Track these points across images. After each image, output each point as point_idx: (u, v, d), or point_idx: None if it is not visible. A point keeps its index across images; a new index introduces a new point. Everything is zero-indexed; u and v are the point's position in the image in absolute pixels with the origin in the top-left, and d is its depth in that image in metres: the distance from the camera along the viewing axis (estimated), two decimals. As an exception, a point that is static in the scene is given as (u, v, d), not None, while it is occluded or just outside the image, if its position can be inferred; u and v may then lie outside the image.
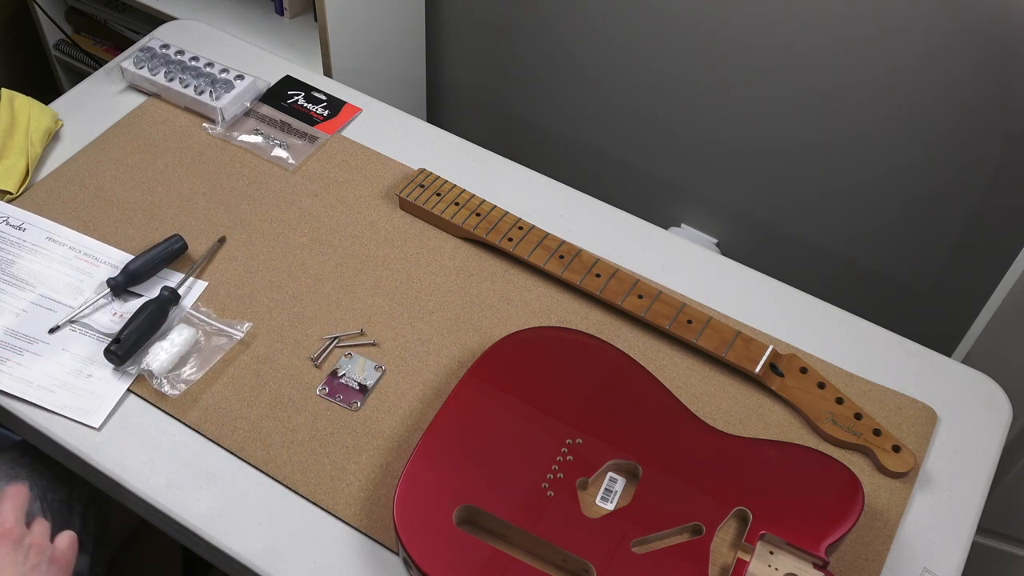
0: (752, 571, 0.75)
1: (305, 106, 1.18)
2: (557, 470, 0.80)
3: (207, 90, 1.15)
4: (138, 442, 0.87)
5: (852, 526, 0.77)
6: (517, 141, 1.88)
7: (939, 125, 1.35)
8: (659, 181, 1.73)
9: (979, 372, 0.97)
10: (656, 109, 1.62)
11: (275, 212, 1.07)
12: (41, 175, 1.09)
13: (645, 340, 0.97)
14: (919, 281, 1.55)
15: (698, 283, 1.03)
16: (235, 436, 0.87)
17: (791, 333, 0.98)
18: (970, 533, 0.85)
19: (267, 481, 0.85)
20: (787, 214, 1.61)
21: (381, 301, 0.99)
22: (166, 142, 1.13)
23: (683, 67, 1.53)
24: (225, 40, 1.27)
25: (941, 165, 1.39)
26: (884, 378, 0.95)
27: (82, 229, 1.03)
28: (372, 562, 0.80)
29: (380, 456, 0.86)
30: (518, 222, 1.04)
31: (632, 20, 1.52)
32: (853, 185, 1.50)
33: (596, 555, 0.75)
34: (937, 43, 1.27)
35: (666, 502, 0.79)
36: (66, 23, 1.87)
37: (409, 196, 1.06)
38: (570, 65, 1.67)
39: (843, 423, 0.89)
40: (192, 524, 0.82)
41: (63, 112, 1.16)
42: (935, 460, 0.90)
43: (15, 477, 0.95)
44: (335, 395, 0.90)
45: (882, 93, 1.37)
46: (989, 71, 1.26)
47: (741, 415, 0.91)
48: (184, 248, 1.01)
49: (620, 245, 1.06)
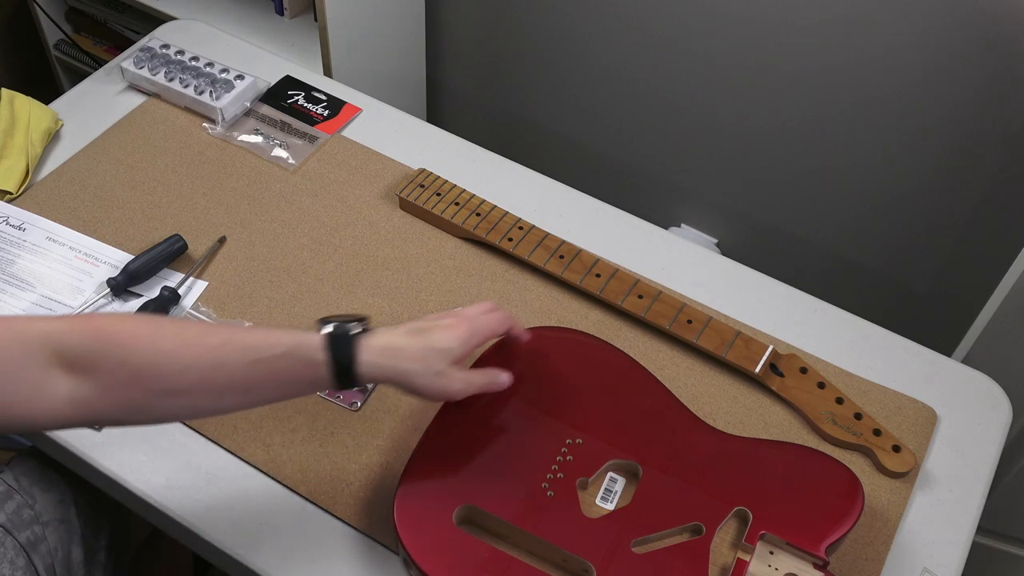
0: (752, 571, 0.75)
1: (305, 106, 1.18)
2: (557, 470, 0.80)
3: (207, 90, 1.15)
4: (138, 442, 0.87)
5: (852, 526, 0.77)
6: (517, 141, 1.88)
7: (939, 125, 1.35)
8: (659, 181, 1.73)
9: (979, 372, 0.97)
10: (657, 109, 1.62)
11: (275, 212, 1.07)
12: (41, 175, 1.09)
13: (645, 340, 0.97)
14: (919, 281, 1.55)
15: (698, 283, 1.02)
16: (235, 436, 0.87)
17: (791, 333, 0.98)
18: (970, 533, 0.85)
19: (267, 481, 0.85)
20: (787, 214, 1.61)
21: (381, 301, 0.99)
22: (166, 142, 1.13)
23: (683, 67, 1.53)
24: (225, 40, 1.27)
25: (941, 165, 1.39)
26: (884, 378, 0.95)
27: (82, 229, 1.03)
28: (372, 562, 0.80)
29: (380, 456, 0.86)
30: (518, 222, 1.04)
31: (632, 20, 1.52)
32: (853, 185, 1.50)
33: (596, 555, 0.75)
34: (937, 44, 1.27)
35: (666, 502, 0.79)
36: (66, 23, 1.87)
37: (409, 196, 1.06)
38: (570, 65, 1.67)
39: (843, 423, 0.89)
40: (192, 524, 0.82)
41: (63, 112, 1.16)
42: (935, 460, 0.90)
43: (47, 480, 0.95)
44: (335, 395, 0.90)
45: (882, 94, 1.37)
46: (990, 72, 1.26)
47: (741, 415, 0.91)
48: (184, 248, 1.01)
49: (620, 245, 1.06)
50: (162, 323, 0.69)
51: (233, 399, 0.69)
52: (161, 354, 0.66)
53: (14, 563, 0.86)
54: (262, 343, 0.69)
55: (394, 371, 0.72)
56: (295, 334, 0.70)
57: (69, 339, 0.65)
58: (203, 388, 0.67)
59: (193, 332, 0.68)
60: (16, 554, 0.87)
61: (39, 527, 0.90)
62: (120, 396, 0.66)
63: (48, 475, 0.95)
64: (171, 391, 0.67)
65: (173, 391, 0.67)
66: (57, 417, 0.65)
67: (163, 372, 0.66)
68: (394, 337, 0.73)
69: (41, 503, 0.92)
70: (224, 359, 0.68)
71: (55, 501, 0.93)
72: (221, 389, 0.68)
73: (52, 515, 0.92)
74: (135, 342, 0.66)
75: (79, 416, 0.66)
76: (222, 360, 0.67)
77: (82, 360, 0.65)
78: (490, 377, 0.79)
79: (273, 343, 0.69)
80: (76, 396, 0.65)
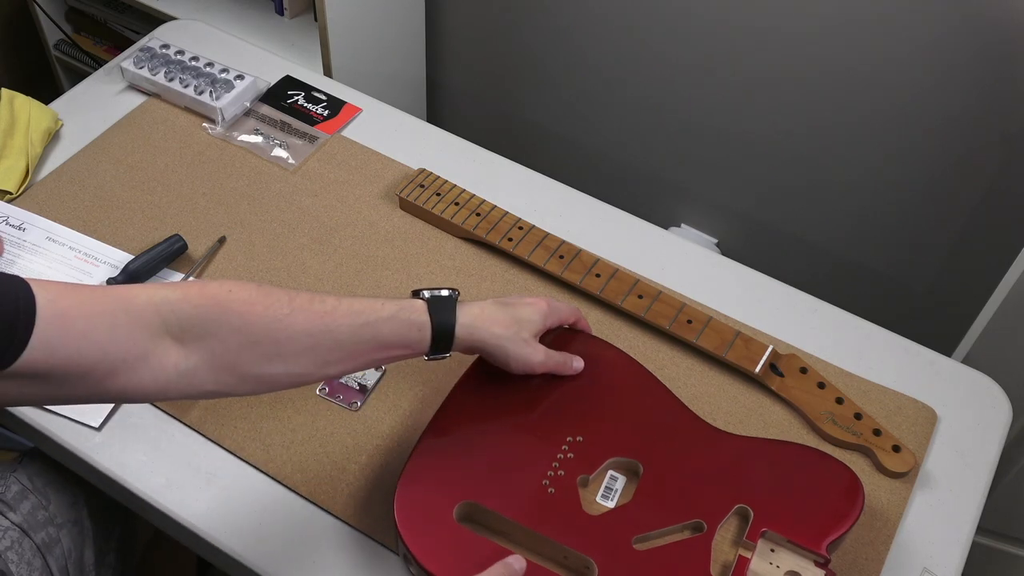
0: (754, 568, 0.75)
1: (305, 106, 1.18)
2: (558, 467, 0.80)
3: (207, 90, 1.15)
4: (138, 442, 0.87)
5: (853, 524, 0.77)
6: (517, 141, 1.88)
7: (939, 125, 1.35)
8: (659, 181, 1.73)
9: (979, 372, 0.97)
10: (657, 109, 1.62)
11: (275, 212, 1.07)
12: (41, 175, 1.09)
13: (645, 340, 0.97)
14: (919, 281, 1.55)
15: (698, 283, 1.02)
16: (235, 436, 0.87)
17: (791, 333, 0.98)
18: (970, 533, 0.85)
19: (267, 481, 0.85)
20: (787, 214, 1.61)
21: (381, 301, 0.98)
22: (166, 142, 1.13)
23: (683, 67, 1.53)
24: (225, 40, 1.27)
25: (941, 165, 1.39)
26: (884, 378, 0.95)
27: (82, 229, 1.03)
28: (372, 562, 0.80)
29: (380, 456, 0.86)
30: (518, 222, 1.04)
31: (632, 20, 1.52)
32: (853, 185, 1.50)
33: (597, 552, 0.75)
34: (937, 44, 1.27)
35: (667, 500, 0.79)
36: (66, 23, 1.87)
37: (409, 196, 1.06)
38: (570, 65, 1.67)
39: (843, 423, 0.89)
40: (192, 524, 0.82)
41: (63, 112, 1.16)
42: (935, 460, 0.90)
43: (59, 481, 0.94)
44: (335, 395, 0.90)
45: (882, 94, 1.37)
46: (989, 71, 1.26)
47: (741, 415, 0.91)
48: (184, 248, 1.01)
49: (620, 245, 1.06)
50: (272, 290, 0.70)
51: (337, 365, 0.71)
52: (275, 320, 0.68)
53: (31, 564, 0.86)
54: (368, 308, 0.71)
55: (489, 335, 0.78)
56: (398, 300, 0.74)
57: (181, 308, 0.65)
58: (311, 353, 0.69)
59: (303, 299, 0.70)
60: (33, 555, 0.86)
61: (54, 528, 0.90)
62: (230, 363, 0.67)
63: (59, 476, 0.95)
64: (281, 356, 0.68)
65: (283, 356, 0.68)
66: (161, 388, 0.66)
67: (277, 338, 0.68)
68: (485, 306, 0.79)
69: (55, 504, 0.92)
70: (334, 324, 0.70)
71: (68, 502, 0.93)
72: (328, 353, 0.70)
73: (66, 517, 0.92)
74: (251, 308, 0.67)
75: (181, 387, 0.67)
76: (332, 325, 0.70)
77: (195, 329, 0.65)
78: (567, 359, 0.84)
79: (378, 308, 0.72)
80: (183, 367, 0.65)
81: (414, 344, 0.74)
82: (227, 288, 0.68)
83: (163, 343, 0.65)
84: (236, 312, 0.67)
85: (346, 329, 0.70)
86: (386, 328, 0.72)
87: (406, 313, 0.73)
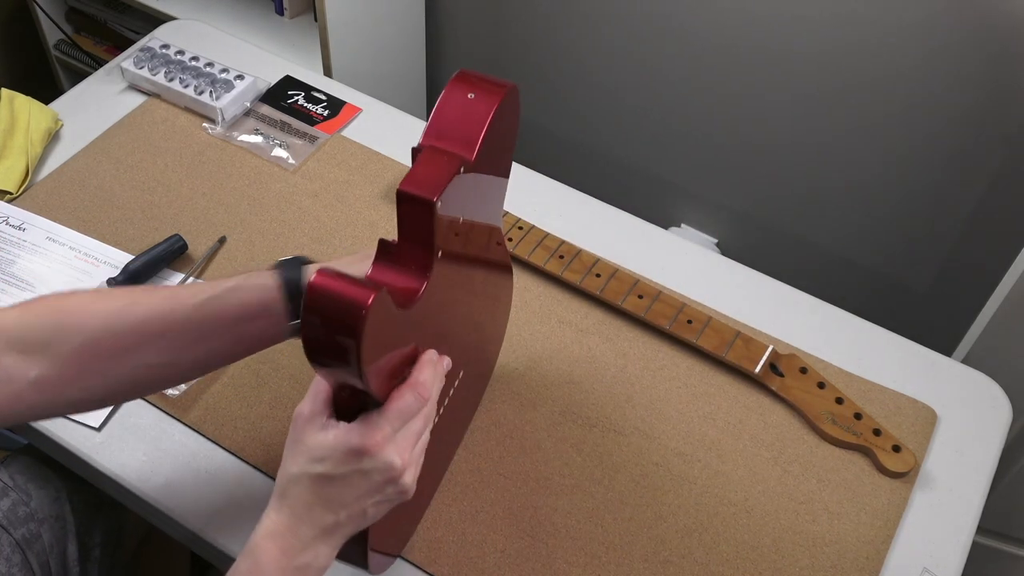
0: None
1: (305, 106, 1.18)
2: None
3: (207, 90, 1.15)
4: (138, 442, 0.87)
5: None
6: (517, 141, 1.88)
7: (939, 125, 1.35)
8: (659, 181, 1.73)
9: (979, 372, 0.97)
10: (656, 109, 1.62)
11: (275, 212, 1.07)
12: (41, 175, 1.09)
13: (645, 340, 0.97)
14: (919, 281, 1.55)
15: (698, 283, 1.02)
16: (235, 436, 0.87)
17: (791, 333, 0.98)
18: (970, 533, 0.85)
19: (267, 481, 0.85)
20: (787, 214, 1.61)
21: (381, 301, 0.98)
22: (166, 142, 1.13)
23: (683, 67, 1.53)
24: (225, 40, 1.27)
25: (941, 165, 1.39)
26: (884, 378, 0.95)
27: (82, 229, 1.03)
28: (372, 562, 0.80)
29: (380, 456, 0.86)
30: (518, 222, 1.04)
31: (632, 21, 1.52)
32: (853, 185, 1.50)
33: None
34: (937, 44, 1.28)
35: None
36: (66, 23, 1.87)
37: (409, 196, 1.06)
38: (570, 65, 1.67)
39: (843, 423, 0.89)
40: (191, 524, 0.82)
41: (63, 112, 1.16)
42: (935, 460, 0.90)
43: (42, 477, 0.95)
44: (335, 395, 0.90)
45: (882, 93, 1.37)
46: (989, 71, 1.26)
47: (741, 415, 0.91)
48: (184, 248, 1.01)
49: (620, 245, 1.06)
50: (111, 291, 0.70)
51: (190, 350, 0.69)
52: (112, 314, 0.67)
53: (10, 560, 0.86)
54: (214, 284, 0.70)
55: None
56: (246, 273, 0.72)
57: (20, 323, 0.66)
58: (162, 340, 0.68)
59: (141, 291, 0.70)
60: (12, 551, 0.87)
61: (34, 524, 0.90)
62: (78, 366, 0.67)
63: (43, 472, 0.95)
64: (127, 348, 0.67)
65: (128, 349, 0.67)
66: (23, 402, 0.66)
67: (116, 331, 0.67)
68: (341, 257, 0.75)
69: (36, 500, 0.92)
70: (174, 304, 0.68)
71: (50, 498, 0.93)
72: (179, 337, 0.68)
73: (47, 512, 0.92)
74: (85, 308, 0.67)
75: (44, 400, 0.67)
76: (172, 306, 0.68)
77: (37, 340, 0.66)
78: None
79: (224, 282, 0.70)
80: (33, 375, 0.66)
81: (268, 306, 0.70)
82: (64, 295, 0.69)
83: (10, 359, 0.66)
84: (70, 312, 0.67)
85: (189, 306, 0.68)
86: (232, 298, 0.69)
87: (251, 279, 0.70)
